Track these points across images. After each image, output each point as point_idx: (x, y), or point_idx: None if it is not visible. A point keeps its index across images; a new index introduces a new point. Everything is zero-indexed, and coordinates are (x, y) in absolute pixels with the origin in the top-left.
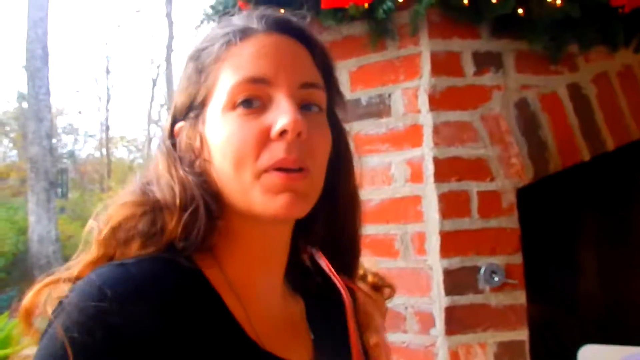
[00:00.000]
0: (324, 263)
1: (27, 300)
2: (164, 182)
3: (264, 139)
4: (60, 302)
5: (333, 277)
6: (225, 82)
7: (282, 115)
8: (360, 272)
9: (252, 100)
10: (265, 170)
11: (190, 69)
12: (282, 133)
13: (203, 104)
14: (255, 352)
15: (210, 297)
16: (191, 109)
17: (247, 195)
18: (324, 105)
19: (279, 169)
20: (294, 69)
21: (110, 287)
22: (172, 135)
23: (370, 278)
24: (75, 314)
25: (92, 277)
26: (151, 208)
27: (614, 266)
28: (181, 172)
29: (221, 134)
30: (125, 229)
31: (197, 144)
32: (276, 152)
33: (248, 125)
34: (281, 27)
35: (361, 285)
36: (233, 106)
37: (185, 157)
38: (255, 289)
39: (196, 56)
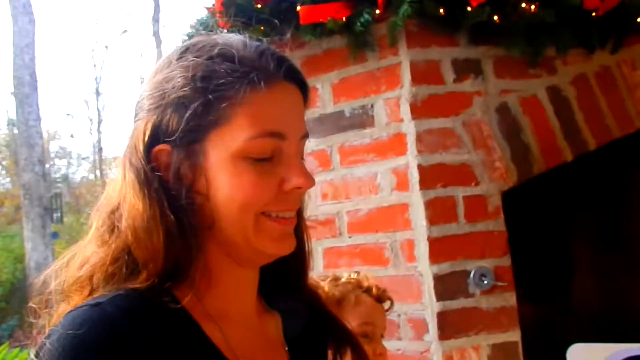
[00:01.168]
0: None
1: None
2: (138, 223)
3: (276, 191)
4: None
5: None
6: (242, 128)
7: (296, 173)
8: (365, 284)
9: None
10: (267, 214)
11: (195, 95)
12: (296, 189)
13: (203, 136)
14: None
15: (188, 326)
16: (184, 136)
17: (250, 236)
18: None
19: (279, 216)
20: (299, 122)
21: (87, 331)
22: (147, 154)
23: (374, 291)
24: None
25: (71, 322)
26: (123, 250)
27: (607, 265)
28: (164, 208)
29: (233, 179)
30: (97, 276)
31: (190, 175)
32: (286, 205)
33: (263, 177)
34: (294, 76)
35: (365, 297)
36: (247, 154)
37: (170, 184)
38: (231, 314)
39: (206, 86)
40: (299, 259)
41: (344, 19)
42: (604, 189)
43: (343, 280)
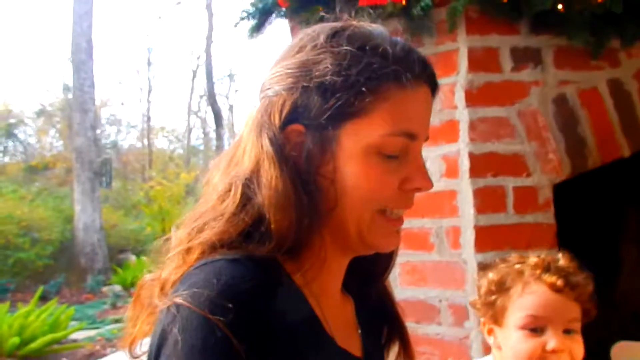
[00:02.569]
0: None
1: (137, 290)
2: (277, 196)
3: (397, 189)
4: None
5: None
6: (380, 123)
7: (420, 174)
8: (537, 271)
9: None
10: (384, 212)
11: (344, 85)
12: (416, 189)
13: (340, 125)
14: (334, 349)
15: (300, 300)
16: (323, 121)
17: (364, 227)
18: None
19: (394, 215)
20: (428, 124)
21: (231, 287)
22: (279, 132)
23: (549, 278)
24: (215, 302)
25: (218, 272)
26: (254, 221)
27: None
28: (298, 186)
29: (361, 171)
30: (225, 237)
31: (319, 159)
32: (405, 203)
33: (389, 174)
34: (432, 79)
35: (538, 285)
36: (379, 149)
37: (300, 166)
38: (328, 293)
39: (356, 78)
40: (390, 255)
41: (403, 2)
42: None
43: (516, 264)
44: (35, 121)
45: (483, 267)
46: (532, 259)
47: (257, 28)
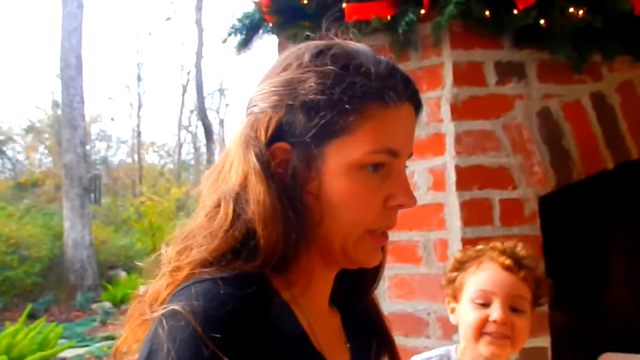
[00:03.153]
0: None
1: (129, 309)
2: (265, 212)
3: (381, 207)
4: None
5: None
6: (363, 141)
7: (403, 191)
8: (494, 253)
9: (380, 166)
10: (373, 230)
11: (329, 104)
12: (398, 206)
13: (325, 142)
14: None
15: (288, 316)
16: (308, 139)
17: (350, 244)
18: None
19: (381, 232)
20: (412, 142)
21: (227, 304)
22: (265, 148)
23: (502, 259)
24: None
25: (208, 290)
26: (243, 237)
27: None
28: (285, 202)
29: (347, 188)
30: (217, 260)
31: (305, 175)
32: (389, 221)
33: (374, 191)
34: (416, 97)
35: (490, 264)
36: (362, 166)
37: (286, 182)
38: (316, 307)
39: (341, 97)
40: (377, 268)
41: (388, 17)
42: None
43: (479, 246)
44: (24, 138)
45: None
46: (496, 243)
47: (245, 43)
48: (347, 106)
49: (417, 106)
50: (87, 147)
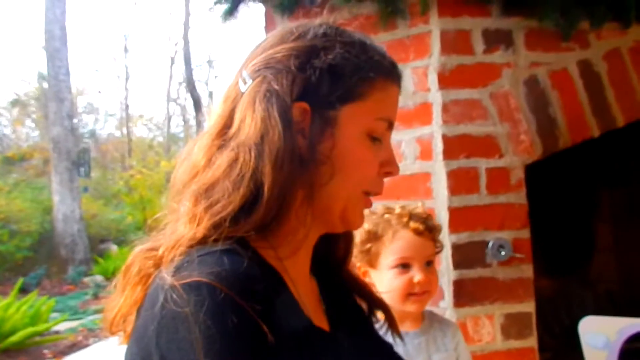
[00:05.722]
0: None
1: (129, 260)
2: (278, 167)
3: (377, 172)
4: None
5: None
6: (373, 108)
7: (393, 160)
8: (404, 219)
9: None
10: (368, 193)
11: (354, 68)
12: (388, 173)
13: (342, 106)
14: (311, 328)
15: (279, 282)
16: (329, 101)
17: (350, 205)
18: None
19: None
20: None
21: (227, 284)
22: (289, 107)
23: (413, 224)
24: (210, 299)
25: (213, 270)
26: (256, 189)
27: (628, 241)
28: (297, 158)
29: (356, 154)
30: (231, 216)
31: (319, 135)
32: (379, 187)
33: (375, 158)
34: (400, 78)
35: (404, 232)
36: (369, 132)
37: (300, 141)
38: (301, 271)
39: (364, 64)
40: (348, 240)
41: None
42: (628, 165)
43: (385, 215)
44: (10, 111)
45: None
46: (397, 209)
47: (230, 12)
48: (370, 74)
49: (399, 87)
50: (75, 121)
